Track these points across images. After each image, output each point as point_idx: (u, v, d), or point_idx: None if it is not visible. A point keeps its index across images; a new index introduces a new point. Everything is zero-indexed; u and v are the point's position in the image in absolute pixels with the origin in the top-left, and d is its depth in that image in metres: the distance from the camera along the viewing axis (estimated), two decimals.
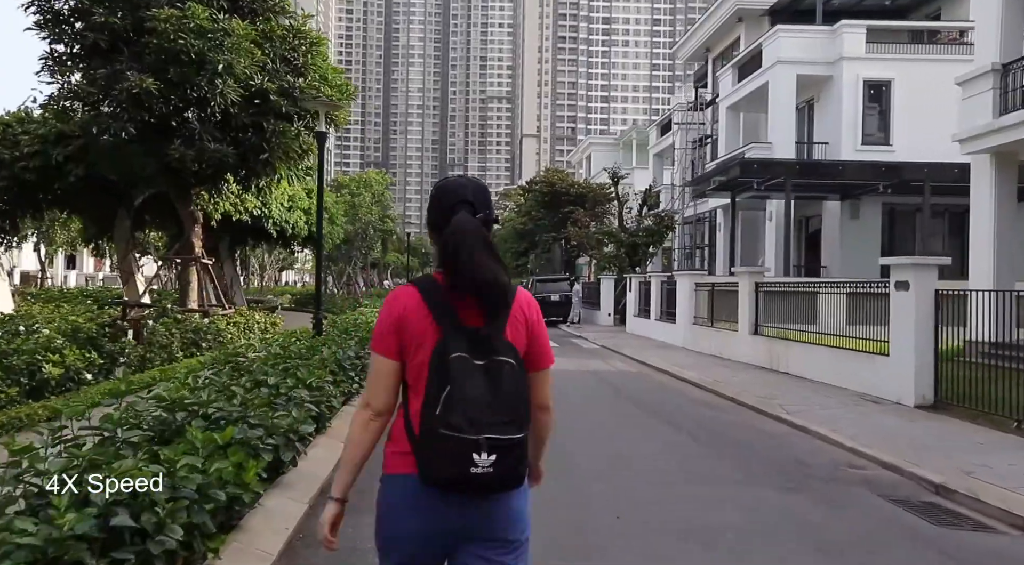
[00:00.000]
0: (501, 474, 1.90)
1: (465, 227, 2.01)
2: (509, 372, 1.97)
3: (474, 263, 1.97)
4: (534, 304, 2.19)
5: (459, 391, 1.90)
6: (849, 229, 24.10)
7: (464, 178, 2.20)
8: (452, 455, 1.88)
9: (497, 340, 2.00)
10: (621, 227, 32.66)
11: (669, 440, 8.38)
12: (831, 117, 24.61)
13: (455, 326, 2.00)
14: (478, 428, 1.88)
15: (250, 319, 15.60)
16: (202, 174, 13.39)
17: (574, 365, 16.17)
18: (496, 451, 1.88)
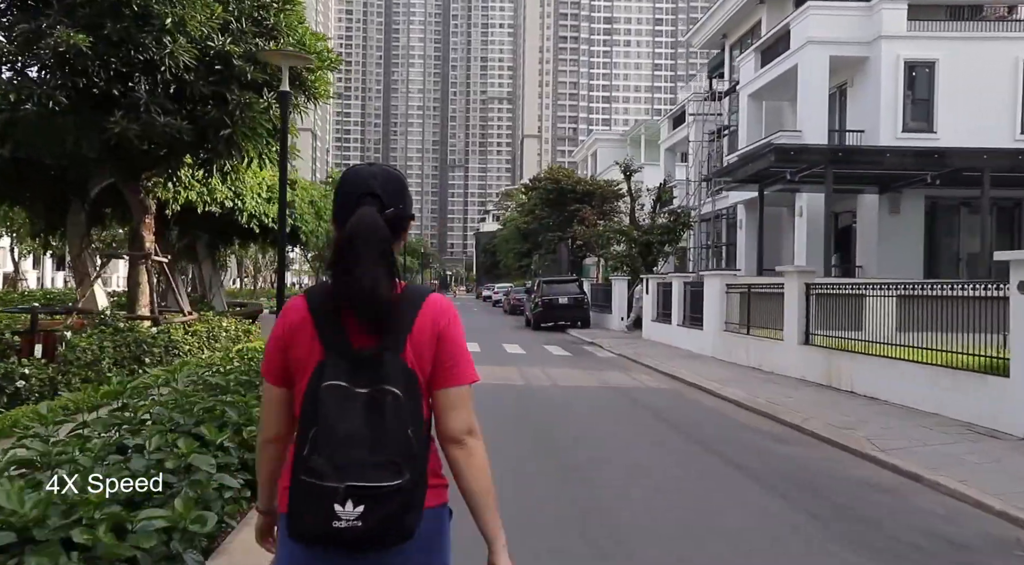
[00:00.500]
0: (373, 528, 1.59)
1: (363, 224, 1.70)
2: (393, 403, 1.65)
3: (357, 269, 1.67)
4: (448, 311, 1.82)
5: (328, 428, 1.61)
6: (888, 225, 21.90)
7: (375, 166, 1.85)
8: (312, 505, 1.60)
9: (388, 364, 1.68)
10: (634, 224, 30.44)
11: (737, 492, 6.18)
12: (867, 102, 22.41)
13: (339, 347, 1.70)
14: (341, 473, 1.58)
15: (215, 327, 13.40)
16: (153, 154, 11.20)
17: (594, 380, 13.99)
18: (364, 501, 1.58)
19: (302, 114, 12.56)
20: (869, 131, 21.93)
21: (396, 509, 1.62)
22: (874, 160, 18.61)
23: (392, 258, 1.74)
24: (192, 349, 11.81)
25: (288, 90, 9.26)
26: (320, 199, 24.66)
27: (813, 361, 12.66)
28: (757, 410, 10.33)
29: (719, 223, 31.87)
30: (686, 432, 8.97)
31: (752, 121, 27.21)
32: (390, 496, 1.61)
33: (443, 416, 1.79)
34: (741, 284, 16.78)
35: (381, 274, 1.69)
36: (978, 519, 5.61)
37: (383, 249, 1.71)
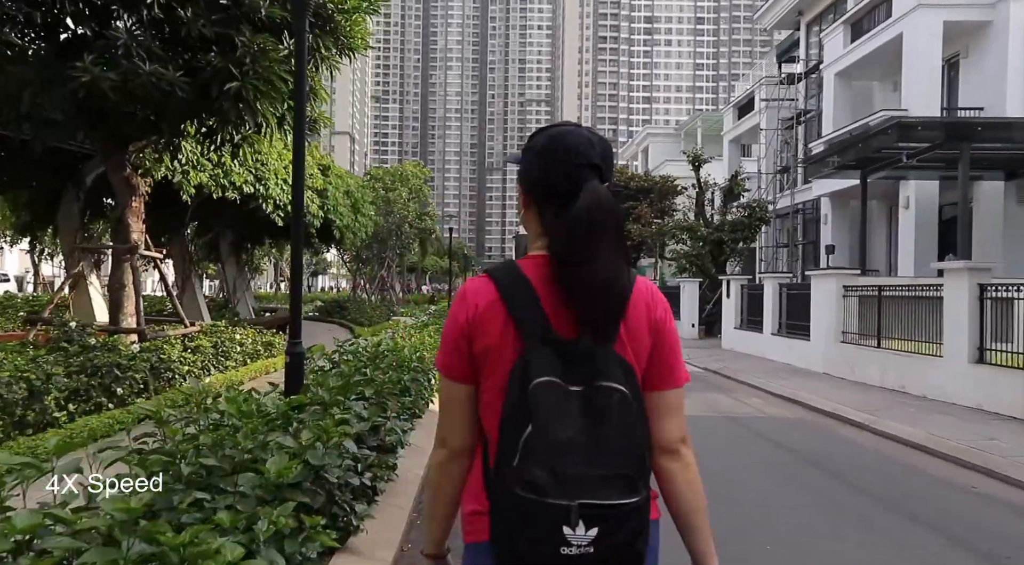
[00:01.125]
0: (606, 555, 1.31)
1: (602, 205, 1.45)
2: (620, 404, 1.38)
3: (597, 257, 1.42)
4: (660, 298, 1.59)
5: (543, 433, 1.33)
6: (1016, 216, 18.71)
7: (586, 130, 1.57)
8: (533, 528, 1.30)
9: (603, 357, 1.43)
10: (703, 220, 27.44)
11: None
12: (987, 75, 19.24)
13: (544, 338, 1.44)
14: (570, 489, 1.30)
15: (226, 339, 10.79)
16: (139, 117, 8.62)
17: (694, 403, 11.15)
18: (598, 523, 1.30)
19: (332, 70, 9.94)
20: (991, 107, 18.74)
21: (631, 533, 1.34)
22: (1021, 135, 15.40)
23: (626, 245, 1.51)
24: (192, 370, 9.18)
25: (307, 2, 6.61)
26: (357, 190, 22.00)
27: (995, 385, 9.67)
28: (960, 460, 7.40)
29: (795, 219, 28.75)
30: (867, 491, 6.08)
31: (840, 103, 24.10)
32: (627, 517, 1.33)
33: (658, 422, 1.53)
34: (866, 286, 13.79)
35: (621, 264, 1.46)
36: None
37: (620, 235, 1.47)
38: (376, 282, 43.17)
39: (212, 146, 9.86)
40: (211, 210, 15.78)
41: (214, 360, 10.08)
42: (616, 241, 1.44)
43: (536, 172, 1.55)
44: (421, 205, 43.37)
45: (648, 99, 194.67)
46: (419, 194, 42.08)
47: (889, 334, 12.58)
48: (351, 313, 26.97)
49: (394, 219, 38.40)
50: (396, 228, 38.92)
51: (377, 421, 5.29)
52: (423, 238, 45.68)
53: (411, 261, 49.72)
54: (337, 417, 4.34)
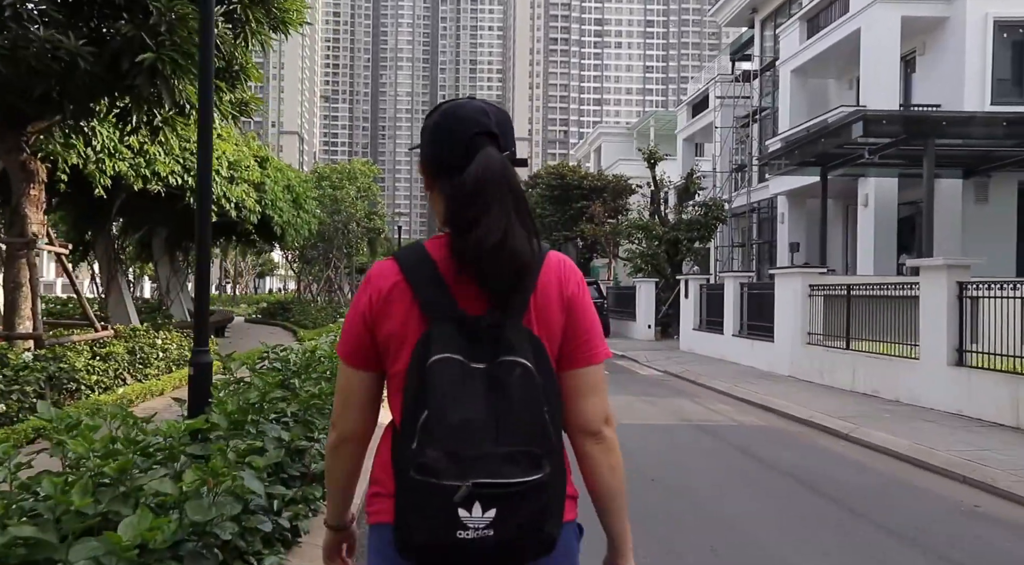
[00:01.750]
0: (507, 538, 1.25)
1: (492, 170, 1.39)
2: (523, 377, 1.31)
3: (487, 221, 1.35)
4: (573, 272, 1.51)
5: (441, 412, 1.27)
6: (974, 215, 18.51)
7: (480, 101, 1.54)
8: (428, 511, 1.25)
9: (509, 331, 1.36)
10: (658, 219, 26.91)
11: None
12: (945, 71, 19.02)
13: (448, 314, 1.38)
14: (465, 468, 1.24)
15: (146, 345, 9.68)
16: (36, 92, 7.50)
17: (656, 410, 10.46)
18: (496, 503, 1.24)
19: (266, 45, 8.94)
20: (948, 104, 18.46)
21: (536, 513, 1.28)
22: (985, 131, 15.07)
23: (527, 208, 1.43)
24: (102, 380, 8.10)
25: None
26: (299, 184, 20.80)
27: (978, 390, 9.11)
28: (955, 474, 6.76)
29: (751, 218, 28.42)
30: (883, 524, 5.36)
31: (796, 100, 23.79)
32: (528, 495, 1.27)
33: (576, 402, 1.46)
34: (834, 284, 13.25)
35: (516, 228, 1.37)
36: None
37: (516, 198, 1.40)
38: (323, 282, 41.80)
39: (127, 129, 8.77)
40: (140, 205, 14.58)
41: (130, 368, 8.98)
42: (511, 205, 1.37)
43: (431, 150, 1.51)
44: (370, 204, 42.12)
45: (599, 101, 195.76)
46: (368, 192, 40.84)
47: (859, 335, 12.03)
48: (295, 315, 25.79)
49: (341, 218, 37.15)
50: (343, 227, 37.66)
51: (301, 445, 4.39)
52: (372, 238, 44.43)
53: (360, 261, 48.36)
54: (243, 448, 3.43)
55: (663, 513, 5.44)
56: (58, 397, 7.24)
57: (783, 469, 7.13)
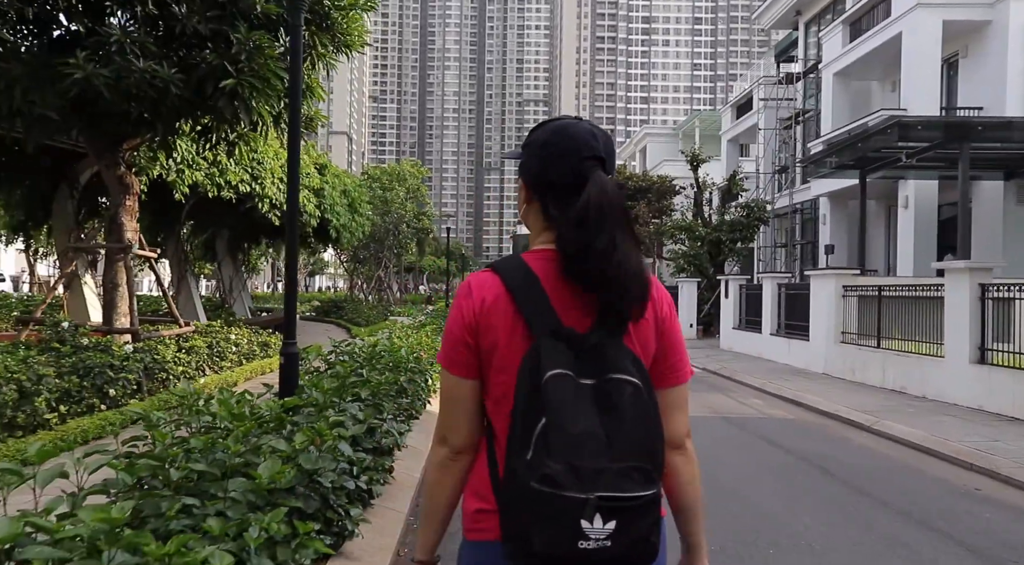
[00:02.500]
0: (625, 550, 1.29)
1: (610, 196, 1.44)
2: (633, 396, 1.36)
3: (615, 248, 1.41)
4: (666, 296, 1.59)
5: (559, 426, 1.30)
6: (1015, 217, 18.65)
7: (587, 124, 1.55)
8: (550, 522, 1.28)
9: (614, 350, 1.40)
10: (701, 220, 27.37)
11: None
12: (987, 74, 19.19)
13: (554, 330, 1.42)
14: (587, 482, 1.27)
15: (221, 340, 10.70)
16: (133, 115, 8.52)
17: (697, 405, 11.07)
18: (616, 515, 1.28)
19: (329, 67, 9.85)
20: (990, 107, 18.71)
21: (648, 527, 1.32)
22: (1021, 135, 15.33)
23: (638, 234, 1.51)
24: (187, 371, 9.08)
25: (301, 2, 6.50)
26: (354, 189, 21.87)
27: (999, 386, 9.59)
28: (963, 462, 7.33)
29: (793, 219, 28.69)
30: (888, 502, 5.98)
31: (838, 103, 24.05)
32: (644, 509, 1.32)
33: (665, 418, 1.49)
34: (866, 285, 13.72)
35: (638, 253, 1.46)
36: None
37: (629, 223, 1.46)
38: (373, 282, 43.02)
39: (207, 145, 9.75)
40: (207, 209, 15.69)
41: (209, 361, 9.98)
42: (628, 230, 1.43)
43: (538, 166, 1.53)
44: (418, 205, 43.23)
45: (646, 99, 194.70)
46: (416, 193, 41.96)
47: (889, 334, 12.51)
48: (348, 313, 26.86)
49: (391, 219, 38.26)
50: (393, 228, 38.78)
51: (373, 423, 5.21)
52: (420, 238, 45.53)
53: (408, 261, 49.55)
54: (332, 419, 4.25)
55: None
56: (151, 385, 8.22)
57: (800, 455, 7.76)
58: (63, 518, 2.38)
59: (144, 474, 2.80)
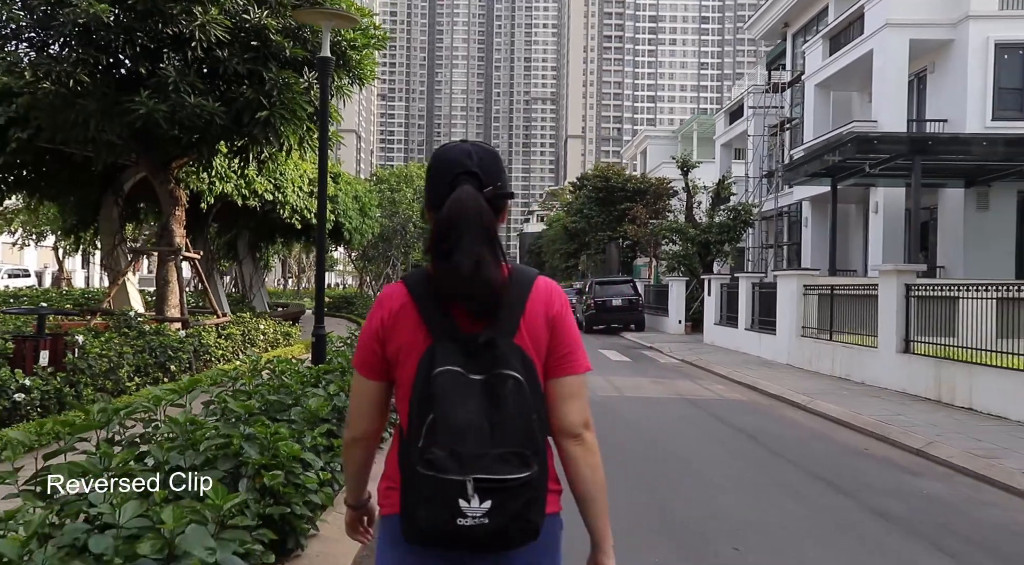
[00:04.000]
0: (500, 526, 1.46)
1: (463, 204, 1.59)
2: (515, 389, 1.53)
3: (459, 252, 1.56)
4: (558, 295, 1.73)
5: (444, 417, 1.49)
6: (975, 222, 20.16)
7: (468, 143, 1.72)
8: (432, 502, 1.46)
9: (502, 347, 1.57)
10: (691, 222, 28.96)
11: (905, 558, 4.86)
12: (951, 89, 20.69)
13: (448, 332, 1.60)
14: (466, 466, 1.45)
15: (252, 329, 12.38)
16: (183, 140, 10.19)
17: (663, 389, 12.68)
18: (491, 495, 1.45)
19: (345, 98, 11.49)
20: (953, 121, 20.23)
21: (524, 506, 1.49)
22: (966, 149, 16.90)
23: (496, 239, 1.61)
24: (225, 354, 10.78)
25: (329, 56, 8.13)
26: (365, 194, 23.61)
27: (916, 372, 11.19)
28: (865, 430, 8.95)
29: (781, 221, 30.22)
30: (793, 460, 7.61)
31: (819, 113, 25.57)
32: (519, 490, 1.48)
33: (559, 408, 1.66)
34: (822, 285, 15.30)
35: (487, 256, 1.58)
36: None
37: (486, 230, 1.59)
38: (382, 279, 44.77)
39: (242, 163, 11.44)
40: (232, 213, 17.38)
41: (242, 346, 11.66)
42: (482, 237, 1.57)
43: (426, 189, 1.73)
44: None
45: (653, 98, 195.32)
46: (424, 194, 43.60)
47: (839, 329, 14.08)
48: (358, 308, 28.56)
49: (399, 219, 40.01)
50: (401, 228, 40.53)
51: None
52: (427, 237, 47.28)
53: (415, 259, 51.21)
54: None
55: (638, 452, 7.80)
56: (198, 364, 9.89)
57: (739, 428, 9.38)
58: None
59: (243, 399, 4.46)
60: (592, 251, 45.03)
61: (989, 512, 5.80)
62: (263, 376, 5.55)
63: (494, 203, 1.65)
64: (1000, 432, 8.36)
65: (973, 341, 10.00)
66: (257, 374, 5.42)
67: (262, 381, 5.42)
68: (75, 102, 9.28)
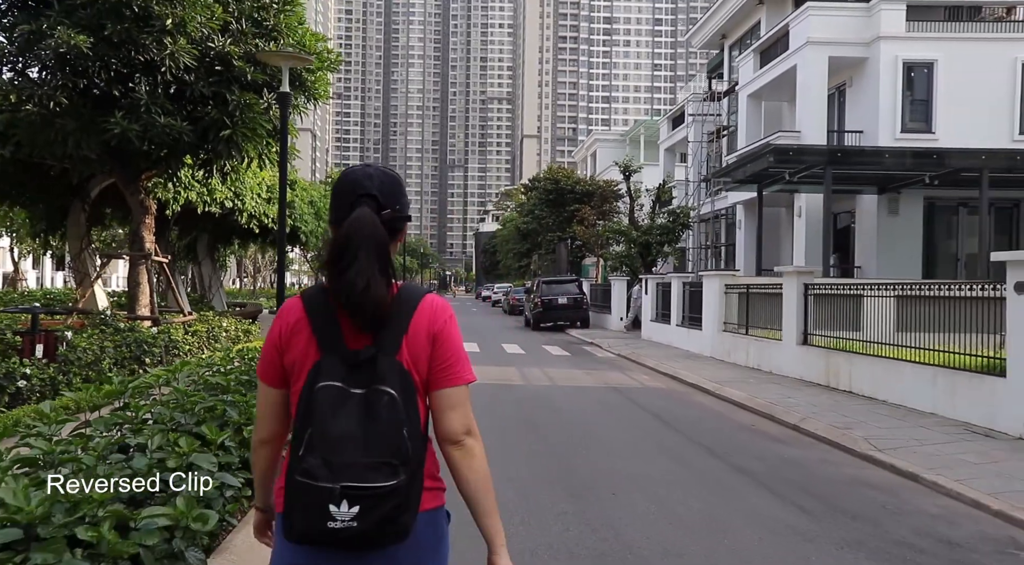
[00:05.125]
0: (368, 528, 1.60)
1: (360, 225, 1.71)
2: (389, 404, 1.66)
3: (351, 270, 1.68)
4: (443, 311, 1.83)
5: (321, 429, 1.62)
6: (887, 225, 21.92)
7: (371, 167, 1.84)
8: (306, 506, 1.61)
9: (382, 364, 1.69)
10: (633, 225, 30.48)
11: (742, 496, 6.21)
12: (866, 103, 22.44)
13: (334, 347, 1.72)
14: (336, 474, 1.59)
15: (215, 327, 13.42)
16: (153, 155, 11.21)
17: (593, 379, 14.02)
18: (359, 502, 1.59)
19: (302, 114, 12.59)
20: (868, 131, 21.97)
21: (391, 510, 1.62)
22: (872, 161, 18.65)
23: (388, 259, 1.74)
24: (192, 349, 11.82)
25: (288, 92, 9.27)
26: (320, 199, 24.69)
27: (812, 362, 12.70)
28: (757, 411, 10.37)
29: (718, 223, 31.91)
30: (690, 436, 8.98)
31: (751, 121, 27.25)
32: (385, 497, 1.61)
33: (441, 417, 1.78)
34: (740, 284, 16.81)
35: (376, 275, 1.69)
36: (974, 519, 5.64)
37: (379, 250, 1.71)
38: None
39: (207, 175, 12.51)
40: (192, 217, 18.32)
41: (207, 342, 12.71)
42: (374, 256, 1.69)
43: (330, 206, 1.84)
44: None
45: (607, 99, 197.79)
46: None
47: (754, 324, 15.58)
48: None
49: None
50: None
51: None
52: None
53: None
54: None
55: (557, 429, 9.10)
56: (168, 358, 10.94)
57: (649, 410, 10.74)
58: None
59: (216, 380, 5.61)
60: (543, 251, 46.42)
61: (826, 468, 7.21)
62: (235, 363, 6.69)
63: (392, 225, 1.78)
64: (864, 410, 9.85)
65: (854, 334, 11.53)
66: (230, 361, 6.56)
67: (234, 367, 6.57)
68: (55, 121, 10.27)
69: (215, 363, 6.84)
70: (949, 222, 22.23)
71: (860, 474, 6.99)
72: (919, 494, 6.32)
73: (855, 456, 7.67)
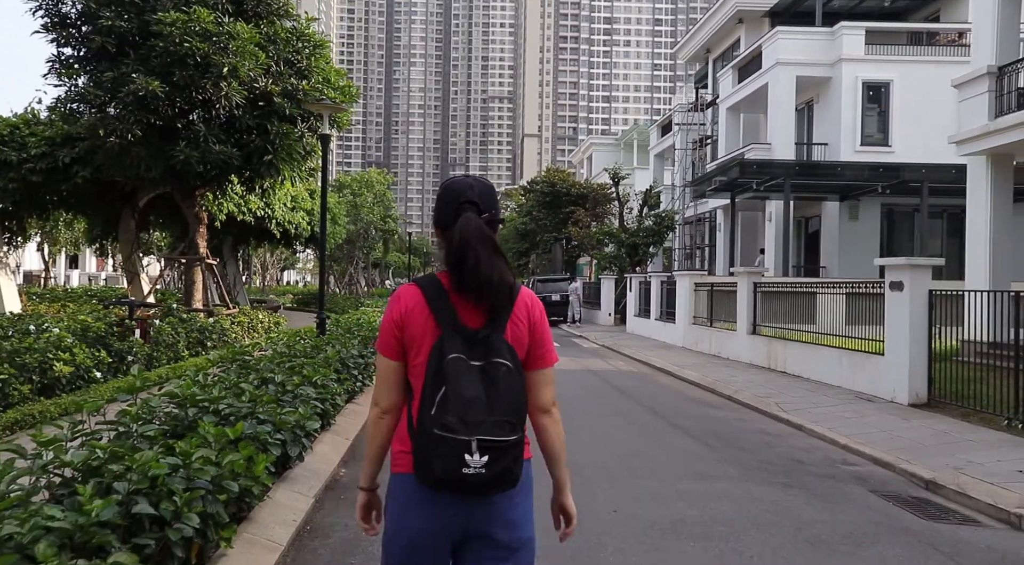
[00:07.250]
0: (494, 475, 1.92)
1: (470, 227, 2.03)
2: (506, 374, 1.97)
3: (479, 263, 1.99)
4: (538, 303, 2.20)
5: (454, 392, 1.92)
6: (848, 230, 24.22)
7: (471, 178, 2.20)
8: (445, 455, 1.89)
9: (496, 341, 2.01)
10: (622, 227, 32.80)
11: (668, 439, 8.53)
12: (830, 118, 24.74)
13: (454, 327, 2.02)
14: (471, 429, 1.89)
15: (254, 318, 15.74)
16: (206, 175, 13.54)
17: (574, 365, 16.32)
18: (489, 452, 1.90)
19: None
20: (832, 145, 24.26)
21: (512, 460, 1.95)
22: (830, 174, 20.96)
23: (503, 253, 2.07)
24: (238, 336, 14.15)
25: (329, 133, 11.59)
26: (335, 206, 27.14)
27: (758, 348, 15.01)
28: (703, 386, 12.70)
29: (702, 226, 34.19)
30: (644, 404, 11.31)
31: (730, 132, 29.54)
32: (508, 449, 1.93)
33: (538, 391, 2.15)
34: (706, 283, 19.13)
35: (501, 265, 2.04)
36: (826, 450, 7.97)
37: (495, 247, 2.05)
38: (345, 277, 48.09)
39: (246, 191, 14.85)
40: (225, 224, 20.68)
41: (248, 331, 15.05)
42: (492, 250, 2.02)
43: (436, 212, 2.14)
44: (384, 209, 48.55)
45: (607, 98, 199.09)
46: (383, 199, 47.28)
47: (717, 317, 17.90)
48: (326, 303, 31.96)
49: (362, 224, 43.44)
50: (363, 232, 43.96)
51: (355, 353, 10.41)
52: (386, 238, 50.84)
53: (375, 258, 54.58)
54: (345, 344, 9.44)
55: None
56: (220, 344, 13.25)
57: (616, 387, 13.06)
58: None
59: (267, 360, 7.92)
60: (541, 251, 48.69)
61: (740, 424, 9.52)
62: (279, 346, 9.02)
63: (490, 227, 2.08)
64: (788, 384, 12.18)
65: (789, 324, 13.85)
66: (275, 344, 8.89)
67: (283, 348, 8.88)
68: (131, 150, 12.59)
69: (265, 345, 9.15)
70: (903, 227, 24.53)
71: (763, 427, 9.31)
72: (797, 437, 8.65)
73: (766, 416, 9.99)
